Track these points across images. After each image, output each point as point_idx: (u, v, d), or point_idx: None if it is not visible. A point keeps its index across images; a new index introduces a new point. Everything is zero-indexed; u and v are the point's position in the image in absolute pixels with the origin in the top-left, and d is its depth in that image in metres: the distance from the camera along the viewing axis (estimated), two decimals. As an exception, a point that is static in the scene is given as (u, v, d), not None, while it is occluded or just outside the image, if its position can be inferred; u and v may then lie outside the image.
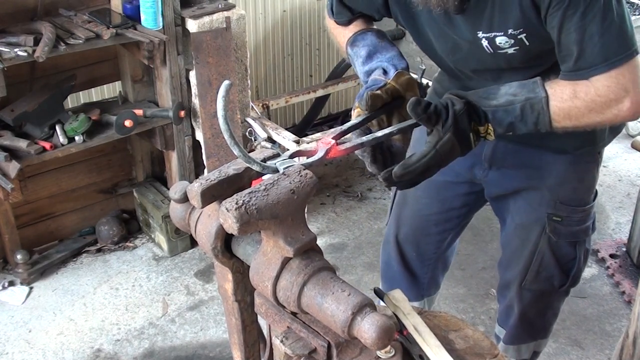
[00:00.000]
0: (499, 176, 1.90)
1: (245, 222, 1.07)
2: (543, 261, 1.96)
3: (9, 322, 2.92)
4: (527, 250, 1.97)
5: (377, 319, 1.03)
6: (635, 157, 4.13)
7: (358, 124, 1.48)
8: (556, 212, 1.88)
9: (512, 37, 1.53)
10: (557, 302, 2.14)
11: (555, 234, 1.92)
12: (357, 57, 1.69)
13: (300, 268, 1.11)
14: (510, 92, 1.49)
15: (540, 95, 1.47)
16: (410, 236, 2.15)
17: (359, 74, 1.69)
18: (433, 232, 2.13)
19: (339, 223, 3.56)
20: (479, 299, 3.05)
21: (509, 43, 1.55)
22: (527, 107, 1.47)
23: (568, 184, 1.86)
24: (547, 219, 1.90)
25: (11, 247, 3.08)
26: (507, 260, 2.09)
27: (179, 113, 3.03)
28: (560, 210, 1.88)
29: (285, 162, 1.22)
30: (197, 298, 3.06)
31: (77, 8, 2.86)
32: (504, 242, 2.08)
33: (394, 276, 2.24)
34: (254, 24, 3.73)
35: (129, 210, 3.49)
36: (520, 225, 1.97)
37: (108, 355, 2.77)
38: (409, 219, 2.13)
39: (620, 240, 3.36)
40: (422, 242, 2.16)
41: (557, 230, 1.91)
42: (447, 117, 1.44)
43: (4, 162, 2.65)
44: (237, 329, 1.36)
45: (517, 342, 2.20)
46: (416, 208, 2.10)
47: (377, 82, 1.54)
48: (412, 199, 2.09)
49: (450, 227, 2.13)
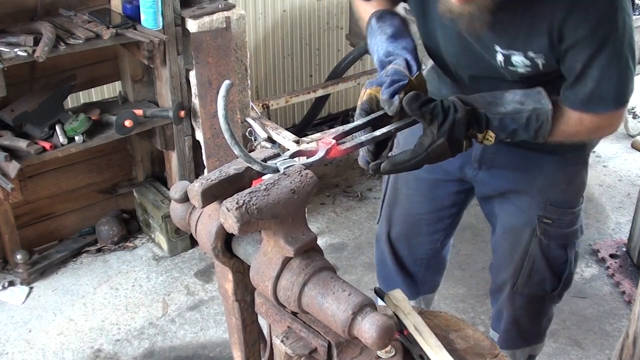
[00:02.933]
0: (488, 176, 1.90)
1: (246, 221, 1.07)
2: (534, 264, 1.96)
3: (9, 322, 2.92)
4: (518, 254, 1.97)
5: (378, 319, 1.03)
6: (635, 157, 4.13)
7: (361, 126, 1.48)
8: (546, 215, 1.88)
9: (530, 59, 1.55)
10: (550, 306, 2.13)
11: (546, 236, 1.91)
12: (382, 32, 1.66)
13: (300, 268, 1.11)
14: (516, 99, 1.52)
15: (546, 107, 1.51)
16: (402, 235, 2.15)
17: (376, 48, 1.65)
18: (424, 231, 2.13)
19: (339, 223, 3.56)
20: (479, 299, 3.05)
21: (524, 63, 1.56)
22: (533, 117, 1.51)
23: (557, 186, 1.86)
24: (537, 221, 1.90)
25: (11, 247, 3.08)
26: (498, 263, 2.09)
27: (179, 113, 3.03)
28: (551, 212, 1.88)
29: (285, 162, 1.22)
30: (197, 298, 3.06)
31: (77, 8, 2.86)
32: (495, 245, 2.09)
33: (389, 274, 2.24)
34: (254, 24, 3.73)
35: (129, 210, 3.49)
36: (511, 229, 1.97)
37: (108, 355, 2.77)
38: (400, 218, 2.13)
39: (620, 240, 3.36)
40: (414, 241, 2.15)
41: (547, 233, 1.91)
42: (444, 120, 1.45)
43: (4, 162, 2.65)
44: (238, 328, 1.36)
45: (512, 347, 2.19)
46: (407, 207, 2.10)
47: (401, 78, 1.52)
48: (404, 197, 2.09)
49: (441, 227, 2.13)
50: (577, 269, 3.16)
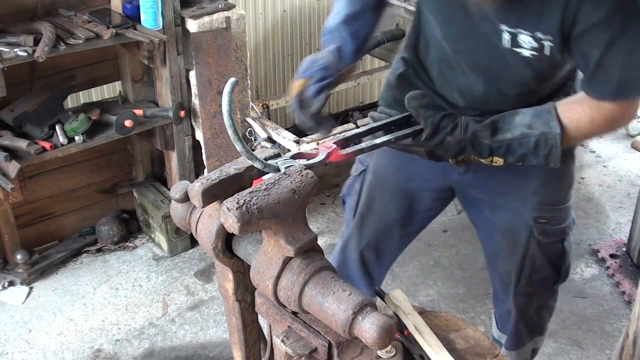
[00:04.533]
0: (476, 178, 1.86)
1: (247, 221, 1.07)
2: (535, 264, 1.94)
3: (9, 322, 2.92)
4: (517, 256, 1.94)
5: (378, 319, 1.03)
6: (635, 157, 4.12)
7: (362, 133, 1.48)
8: (542, 215, 1.85)
9: (537, 41, 1.48)
10: (552, 299, 2.11)
11: (544, 235, 1.89)
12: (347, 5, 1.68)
13: (301, 267, 1.11)
14: (525, 122, 1.51)
15: (555, 131, 1.49)
16: (372, 242, 2.08)
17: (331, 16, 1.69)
18: (396, 235, 2.07)
19: (339, 223, 3.56)
20: (479, 299, 3.05)
21: (530, 45, 1.50)
22: (541, 141, 1.50)
23: (550, 185, 1.84)
24: (533, 222, 1.86)
25: (11, 247, 3.08)
26: (496, 268, 2.06)
27: (179, 113, 3.03)
28: (546, 211, 1.86)
29: (286, 161, 1.22)
30: (197, 298, 3.06)
31: (77, 8, 2.86)
32: (489, 250, 2.05)
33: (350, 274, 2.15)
34: (254, 24, 3.73)
35: (129, 210, 3.49)
36: (507, 232, 1.93)
37: (108, 355, 2.77)
38: (373, 225, 2.06)
39: (620, 240, 3.36)
40: (383, 246, 2.10)
41: (545, 232, 1.88)
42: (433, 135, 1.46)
43: (4, 162, 2.65)
44: (238, 328, 1.36)
45: (520, 346, 2.18)
46: (381, 214, 2.04)
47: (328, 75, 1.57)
48: (379, 206, 2.03)
49: (413, 230, 2.09)
50: (577, 269, 3.19)
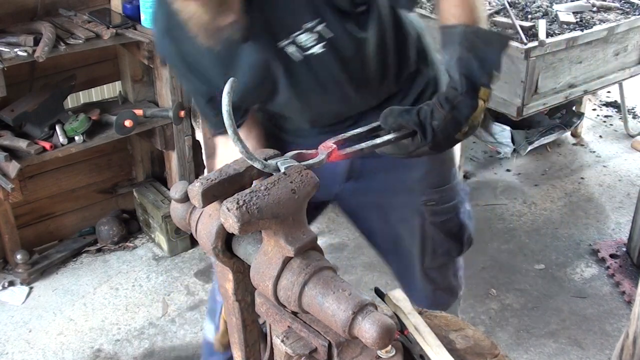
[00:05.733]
0: (357, 185, 1.87)
1: (246, 221, 1.07)
2: (434, 241, 1.98)
3: (9, 322, 2.92)
4: (416, 239, 1.97)
5: (378, 319, 1.03)
6: (635, 157, 4.12)
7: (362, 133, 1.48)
8: (429, 198, 1.89)
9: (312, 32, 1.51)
10: (458, 265, 2.14)
11: (435, 215, 1.93)
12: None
13: (301, 267, 1.11)
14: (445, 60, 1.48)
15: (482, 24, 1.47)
16: None
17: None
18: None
19: (339, 223, 3.55)
20: (479, 299, 3.05)
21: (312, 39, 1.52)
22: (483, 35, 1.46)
23: (433, 170, 1.87)
24: (423, 206, 1.90)
25: (11, 247, 3.08)
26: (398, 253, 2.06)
27: (179, 113, 3.03)
28: (432, 194, 1.90)
29: (286, 161, 1.22)
30: (197, 298, 3.06)
31: (77, 8, 2.87)
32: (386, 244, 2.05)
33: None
34: (254, 24, 3.73)
35: (129, 210, 3.49)
36: (402, 224, 1.96)
37: (108, 355, 2.77)
38: None
39: (620, 240, 3.36)
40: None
41: (435, 212, 1.92)
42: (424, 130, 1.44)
43: (4, 162, 2.65)
44: (238, 328, 1.36)
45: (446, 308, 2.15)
46: None
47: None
48: None
49: None
50: (577, 269, 3.19)
